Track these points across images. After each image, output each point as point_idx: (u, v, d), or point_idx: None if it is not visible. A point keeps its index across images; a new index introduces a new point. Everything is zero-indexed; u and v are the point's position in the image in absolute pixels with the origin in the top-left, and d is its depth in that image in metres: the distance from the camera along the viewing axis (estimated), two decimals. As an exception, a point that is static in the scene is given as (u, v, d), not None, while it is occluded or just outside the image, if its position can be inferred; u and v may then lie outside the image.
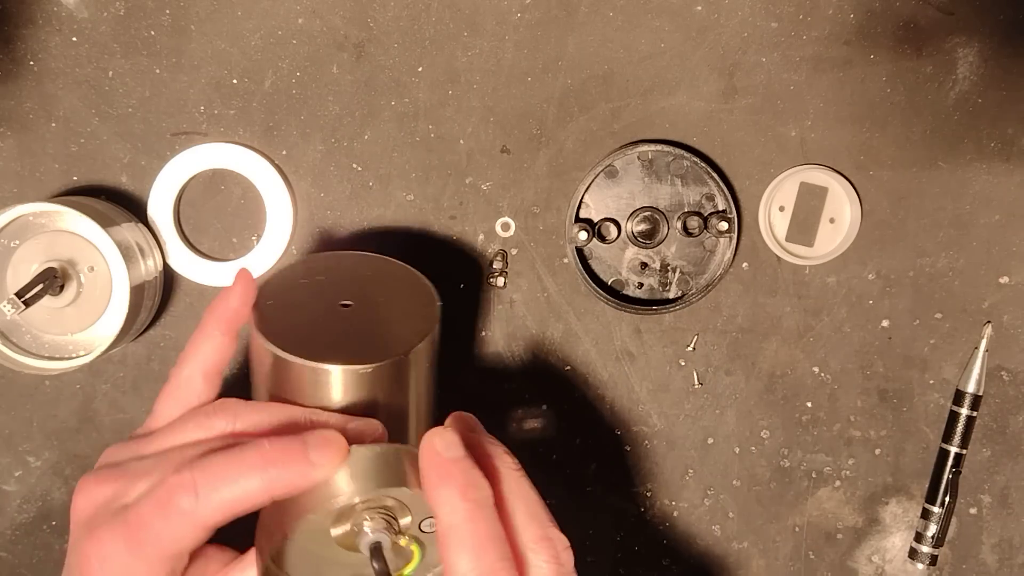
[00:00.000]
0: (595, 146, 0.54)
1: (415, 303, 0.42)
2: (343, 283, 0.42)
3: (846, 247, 0.54)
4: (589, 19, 0.53)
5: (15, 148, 0.53)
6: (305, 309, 0.41)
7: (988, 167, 0.54)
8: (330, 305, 0.41)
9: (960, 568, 0.57)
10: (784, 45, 0.54)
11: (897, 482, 0.56)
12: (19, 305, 0.48)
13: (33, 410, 0.54)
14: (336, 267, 0.44)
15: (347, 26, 0.53)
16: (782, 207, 0.55)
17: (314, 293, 0.42)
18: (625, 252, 0.54)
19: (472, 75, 0.54)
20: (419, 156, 0.54)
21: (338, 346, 0.38)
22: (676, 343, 0.55)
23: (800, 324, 0.55)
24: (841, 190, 0.54)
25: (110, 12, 0.53)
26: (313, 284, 0.42)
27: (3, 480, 0.55)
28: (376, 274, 0.44)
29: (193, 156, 0.53)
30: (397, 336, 0.39)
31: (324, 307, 0.41)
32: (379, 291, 0.42)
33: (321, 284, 0.42)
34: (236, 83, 0.53)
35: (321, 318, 0.40)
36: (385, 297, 0.42)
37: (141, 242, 0.51)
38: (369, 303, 0.41)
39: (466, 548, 0.31)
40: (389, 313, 0.41)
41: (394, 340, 0.39)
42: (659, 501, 0.56)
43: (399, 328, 0.40)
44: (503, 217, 0.55)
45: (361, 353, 0.38)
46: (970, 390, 0.54)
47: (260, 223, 0.54)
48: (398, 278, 0.44)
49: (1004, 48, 0.53)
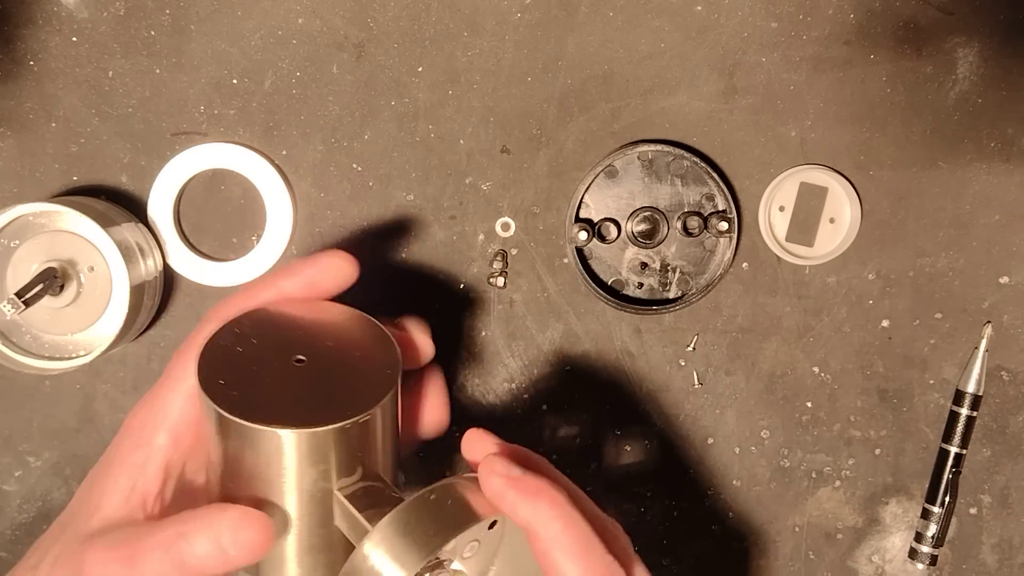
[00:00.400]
0: (595, 146, 0.54)
1: (374, 354, 0.39)
2: (296, 336, 0.39)
3: (846, 247, 0.54)
4: (589, 19, 0.53)
5: (15, 148, 0.53)
6: (256, 366, 0.37)
7: (988, 167, 0.54)
8: (283, 361, 0.37)
9: (960, 568, 0.57)
10: (784, 45, 0.54)
11: (897, 482, 0.56)
12: (19, 305, 0.48)
13: (33, 410, 0.54)
14: (288, 318, 0.40)
15: (347, 26, 0.53)
16: (782, 207, 0.55)
17: (265, 348, 0.38)
18: (625, 252, 0.54)
19: (472, 75, 0.54)
20: (419, 156, 0.54)
21: (293, 407, 0.35)
22: (676, 343, 0.55)
23: (800, 324, 0.55)
24: (841, 190, 0.54)
25: (110, 12, 0.53)
26: (264, 338, 0.38)
27: (3, 480, 0.55)
28: (331, 325, 0.40)
29: (193, 156, 0.53)
30: (356, 393, 0.36)
31: (277, 364, 0.37)
32: (335, 343, 0.39)
33: (272, 338, 0.38)
34: (236, 83, 0.53)
35: (274, 376, 0.37)
36: (342, 350, 0.38)
37: (141, 242, 0.51)
38: (325, 357, 0.38)
39: (574, 555, 0.33)
40: (347, 367, 0.38)
41: (352, 398, 0.36)
42: (659, 501, 0.56)
43: (358, 383, 0.37)
44: (503, 217, 0.55)
45: (317, 414, 0.35)
46: (970, 390, 0.54)
47: (260, 223, 0.54)
48: (355, 328, 0.40)
49: (1004, 48, 0.53)
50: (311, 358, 0.37)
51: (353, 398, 0.36)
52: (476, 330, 0.55)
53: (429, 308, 0.55)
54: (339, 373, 0.37)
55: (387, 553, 0.32)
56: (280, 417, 0.34)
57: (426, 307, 0.55)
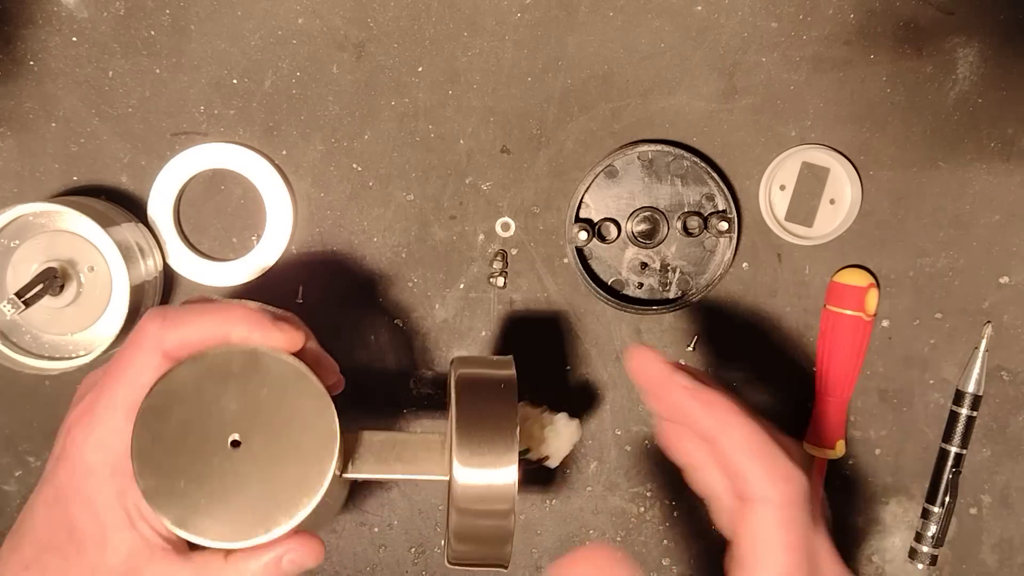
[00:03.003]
0: (595, 146, 0.54)
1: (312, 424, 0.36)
2: (221, 405, 0.36)
3: (845, 228, 0.54)
4: (589, 19, 0.53)
5: (15, 148, 0.53)
6: (190, 450, 0.36)
7: (988, 167, 0.54)
8: (218, 444, 0.36)
9: (960, 568, 0.57)
10: (784, 45, 0.54)
11: (897, 482, 0.56)
12: (19, 305, 0.48)
13: (33, 410, 0.54)
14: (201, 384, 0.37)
15: (347, 26, 0.53)
16: (783, 186, 0.54)
17: (201, 423, 0.36)
18: (625, 252, 0.54)
19: (472, 75, 0.54)
20: (419, 156, 0.54)
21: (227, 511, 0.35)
22: (676, 343, 0.55)
23: (800, 324, 0.55)
24: (843, 171, 0.54)
25: (110, 12, 0.53)
26: (199, 409, 0.36)
27: (3, 480, 0.55)
28: (246, 377, 0.37)
29: (193, 156, 0.53)
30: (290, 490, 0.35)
31: (211, 447, 0.36)
32: (260, 403, 0.36)
33: (209, 408, 0.36)
34: (236, 83, 0.53)
35: (208, 465, 0.36)
36: (270, 410, 0.36)
37: (141, 242, 0.51)
38: (257, 427, 0.36)
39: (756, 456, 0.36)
40: (284, 449, 0.36)
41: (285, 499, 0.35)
42: (659, 501, 0.56)
43: (293, 473, 0.36)
44: (503, 217, 0.55)
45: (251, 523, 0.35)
46: (970, 390, 0.54)
47: (260, 223, 0.54)
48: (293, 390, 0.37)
49: (1004, 48, 0.53)
50: (248, 438, 0.36)
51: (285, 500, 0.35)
52: (476, 330, 0.55)
53: (429, 308, 0.55)
54: (275, 460, 0.36)
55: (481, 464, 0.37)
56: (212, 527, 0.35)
57: (426, 307, 0.55)
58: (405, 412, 0.55)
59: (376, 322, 0.55)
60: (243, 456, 0.36)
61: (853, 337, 0.53)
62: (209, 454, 0.36)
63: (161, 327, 0.37)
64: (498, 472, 0.37)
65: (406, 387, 0.55)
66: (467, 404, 0.39)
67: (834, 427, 0.54)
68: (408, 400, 0.55)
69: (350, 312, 0.54)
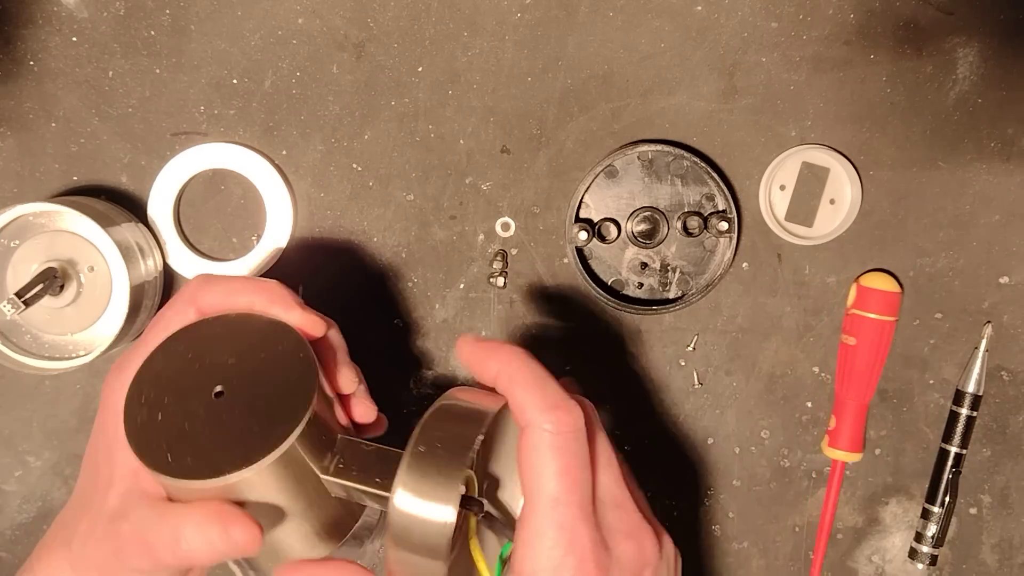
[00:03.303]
0: (595, 146, 0.54)
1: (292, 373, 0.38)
2: (217, 360, 0.38)
3: (845, 228, 0.54)
4: (589, 19, 0.53)
5: (15, 148, 0.53)
6: (177, 405, 0.37)
7: (988, 167, 0.54)
8: (204, 395, 0.37)
9: (960, 568, 0.57)
10: (784, 45, 0.54)
11: (897, 482, 0.56)
12: (19, 305, 0.48)
13: (33, 410, 0.54)
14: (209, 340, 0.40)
15: (347, 26, 0.53)
16: (783, 186, 0.54)
17: (187, 380, 0.38)
18: (625, 252, 0.54)
19: (472, 75, 0.54)
20: (419, 156, 0.54)
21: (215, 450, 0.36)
22: (676, 343, 0.55)
23: (800, 324, 0.55)
24: (843, 171, 0.54)
25: (110, 12, 0.53)
26: (185, 368, 0.38)
27: (3, 480, 0.55)
28: (250, 341, 0.39)
29: (193, 156, 0.53)
30: (272, 426, 0.36)
31: (197, 400, 0.37)
32: (254, 364, 0.38)
33: (193, 367, 0.38)
34: (236, 83, 0.53)
35: (194, 415, 0.37)
36: (261, 371, 0.38)
37: (141, 242, 0.51)
38: (243, 384, 0.38)
39: (529, 387, 0.36)
40: (265, 393, 0.37)
41: (268, 434, 0.36)
42: (659, 501, 0.56)
43: (275, 412, 0.37)
44: (503, 217, 0.55)
45: (237, 456, 0.35)
46: (970, 390, 0.54)
47: (260, 223, 0.54)
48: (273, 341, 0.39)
49: (1004, 48, 0.53)
50: (230, 388, 0.37)
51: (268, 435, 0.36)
52: (476, 330, 0.55)
53: (429, 308, 0.55)
54: (257, 403, 0.37)
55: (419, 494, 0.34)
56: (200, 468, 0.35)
57: (426, 307, 0.55)
58: (405, 412, 0.55)
59: (376, 322, 0.55)
60: (221, 405, 0.37)
61: (879, 340, 0.53)
62: (193, 401, 0.37)
63: (198, 286, 0.41)
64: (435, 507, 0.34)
65: (406, 387, 0.55)
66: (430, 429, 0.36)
67: (859, 430, 0.54)
68: (408, 400, 0.55)
69: (350, 312, 0.54)
